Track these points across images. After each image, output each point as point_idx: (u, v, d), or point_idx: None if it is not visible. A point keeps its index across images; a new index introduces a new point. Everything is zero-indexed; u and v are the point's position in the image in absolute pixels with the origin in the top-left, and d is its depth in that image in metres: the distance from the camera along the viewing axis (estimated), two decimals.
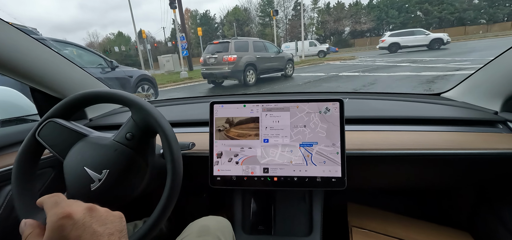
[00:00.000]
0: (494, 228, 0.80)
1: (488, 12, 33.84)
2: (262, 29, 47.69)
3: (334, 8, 42.98)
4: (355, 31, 41.32)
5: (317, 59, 15.47)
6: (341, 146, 0.68)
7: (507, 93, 0.77)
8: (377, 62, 11.16)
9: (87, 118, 1.01)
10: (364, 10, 41.30)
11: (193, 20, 51.50)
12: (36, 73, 0.78)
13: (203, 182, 0.75)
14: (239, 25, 47.98)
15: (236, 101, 0.72)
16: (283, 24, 46.81)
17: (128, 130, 0.55)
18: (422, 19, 37.28)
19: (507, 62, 0.75)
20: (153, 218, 0.49)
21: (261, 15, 48.49)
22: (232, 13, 49.23)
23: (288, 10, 45.89)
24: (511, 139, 0.70)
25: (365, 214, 0.94)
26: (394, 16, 38.73)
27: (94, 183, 0.51)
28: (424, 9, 36.66)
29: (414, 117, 0.82)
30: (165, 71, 15.36)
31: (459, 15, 35.01)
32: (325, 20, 42.67)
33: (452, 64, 7.90)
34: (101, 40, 51.45)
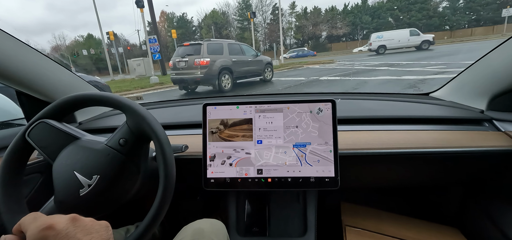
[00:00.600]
0: (482, 223, 0.83)
1: (451, 19, 36.45)
2: (241, 33, 47.41)
3: (311, 13, 43.91)
4: (331, 35, 42.44)
5: (297, 62, 15.22)
6: (334, 146, 0.68)
7: (492, 92, 0.78)
8: (356, 66, 11.10)
9: (77, 122, 0.98)
10: (340, 15, 42.67)
11: (170, 22, 49.90)
12: (22, 76, 0.76)
13: (196, 184, 0.74)
14: (218, 29, 47.26)
15: (229, 102, 0.71)
16: (262, 28, 46.88)
17: (121, 135, 0.54)
18: (393, 25, 39.23)
19: (492, 62, 0.77)
20: (146, 222, 0.48)
21: (239, 19, 48.27)
22: (210, 17, 48.38)
23: (267, 14, 46.18)
24: (496, 137, 0.72)
25: (358, 213, 0.95)
26: (368, 22, 40.39)
27: (84, 188, 0.49)
28: (395, 15, 38.65)
29: (404, 116, 0.83)
30: (136, 75, 14.26)
31: (426, 22, 37.32)
32: (303, 25, 43.44)
33: (429, 68, 7.93)
34: (69, 42, 47.89)
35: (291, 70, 12.41)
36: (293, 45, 45.71)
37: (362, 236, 0.83)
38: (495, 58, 0.76)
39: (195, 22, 52.12)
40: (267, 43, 48.11)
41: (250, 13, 13.99)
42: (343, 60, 15.03)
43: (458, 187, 0.95)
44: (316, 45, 41.17)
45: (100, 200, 0.51)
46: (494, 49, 0.75)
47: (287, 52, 32.77)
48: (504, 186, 0.79)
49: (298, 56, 28.82)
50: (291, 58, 27.38)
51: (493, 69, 0.76)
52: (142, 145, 0.57)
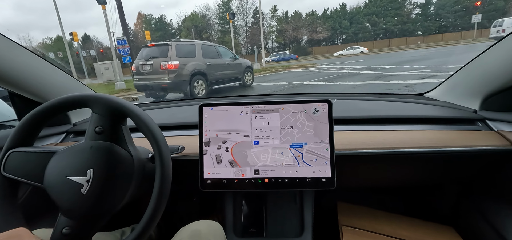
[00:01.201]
0: (476, 221, 0.83)
1: (423, 25, 38.31)
2: (222, 36, 46.69)
3: (292, 17, 44.17)
4: (312, 39, 42.91)
5: (279, 66, 14.70)
6: (330, 146, 0.69)
7: (485, 92, 0.79)
8: (340, 69, 10.76)
9: (71, 123, 0.97)
10: (319, 20, 43.30)
11: (147, 24, 47.88)
12: (14, 77, 0.74)
13: (193, 186, 0.74)
14: (198, 32, 46.13)
15: (225, 103, 0.71)
16: (243, 32, 46.40)
17: (95, 124, 0.52)
18: (370, 30, 40.51)
19: (484, 63, 0.78)
20: (142, 224, 0.48)
21: (220, 22, 47.58)
22: (189, 19, 47.13)
23: (248, 17, 45.82)
24: (489, 136, 0.73)
25: (354, 213, 0.95)
26: (346, 27, 41.35)
27: (84, 186, 0.48)
28: (372, 20, 39.89)
29: (399, 116, 0.84)
30: (104, 80, 12.96)
31: (401, 27, 38.91)
32: (284, 29, 43.54)
33: (414, 72, 7.71)
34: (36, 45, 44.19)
35: (273, 74, 11.84)
36: (275, 48, 45.71)
37: (359, 235, 0.83)
38: (488, 59, 0.76)
39: (175, 24, 50.44)
40: (249, 46, 47.74)
41: (229, 14, 13.26)
42: (325, 63, 14.77)
43: (453, 186, 0.97)
44: (298, 49, 41.35)
45: (105, 190, 0.50)
46: (487, 50, 0.76)
47: (269, 55, 32.48)
48: (497, 185, 0.79)
49: (280, 60, 28.59)
50: (273, 62, 27.07)
51: (486, 70, 0.77)
52: (119, 126, 0.55)
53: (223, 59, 6.79)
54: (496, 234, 0.74)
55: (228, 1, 45.46)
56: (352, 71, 9.61)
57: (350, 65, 12.15)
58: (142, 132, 0.52)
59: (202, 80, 6.02)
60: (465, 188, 0.91)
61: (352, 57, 19.21)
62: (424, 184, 1.07)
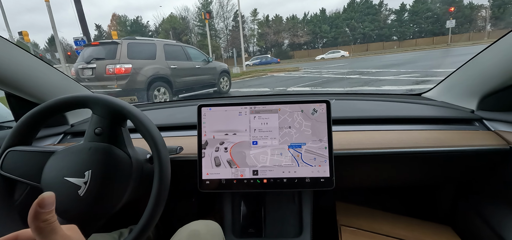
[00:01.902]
0: (473, 221, 0.84)
1: (399, 30, 39.74)
2: (202, 40, 45.39)
3: (273, 20, 43.94)
4: (293, 43, 42.88)
5: (260, 70, 13.83)
6: (329, 146, 0.69)
7: (482, 92, 0.80)
8: (324, 74, 10.09)
9: (68, 124, 0.96)
10: (300, 24, 43.47)
11: (122, 26, 45.25)
12: (11, 77, 0.74)
13: (191, 186, 0.74)
14: (177, 34, 44.40)
15: (224, 103, 0.71)
16: (224, 35, 45.39)
17: (94, 126, 0.52)
18: (349, 35, 41.30)
19: (481, 63, 0.78)
20: (140, 226, 0.47)
21: (199, 25, 46.24)
22: (167, 21, 45.26)
23: (229, 20, 44.99)
24: (487, 136, 0.74)
25: (353, 213, 0.95)
26: (326, 31, 41.84)
27: (81, 188, 0.48)
28: (351, 25, 40.71)
29: (397, 116, 0.84)
30: None
31: (378, 32, 40.06)
32: (265, 32, 43.13)
33: (403, 77, 7.21)
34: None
35: (254, 78, 10.93)
36: (257, 52, 45.13)
37: (357, 235, 0.83)
38: (484, 59, 0.77)
39: (152, 26, 48.22)
40: (229, 50, 46.80)
41: (204, 12, 12.16)
42: (309, 67, 14.13)
43: (450, 186, 0.96)
44: (279, 53, 41.09)
45: (103, 192, 0.49)
46: (484, 50, 0.76)
47: (251, 59, 31.69)
48: (494, 184, 0.79)
49: (261, 63, 27.91)
50: (254, 65, 26.31)
51: (483, 70, 0.77)
52: (119, 128, 0.54)
53: (192, 62, 5.71)
54: (494, 233, 0.74)
55: (207, 4, 44.41)
56: (338, 76, 8.97)
57: (334, 69, 11.56)
58: (140, 133, 0.52)
59: (164, 87, 4.91)
60: (463, 188, 0.92)
61: (335, 61, 18.86)
62: (422, 183, 1.07)
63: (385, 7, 41.39)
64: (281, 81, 9.23)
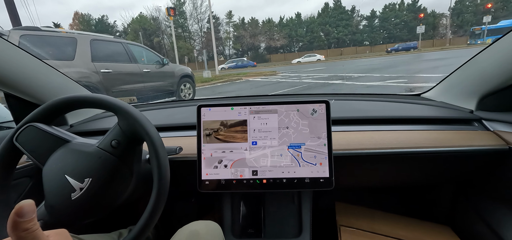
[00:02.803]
0: (472, 221, 0.84)
1: (370, 36, 41.21)
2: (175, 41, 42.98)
3: (248, 23, 43.17)
4: (270, 47, 42.40)
5: (235, 74, 12.64)
6: (329, 146, 0.68)
7: (481, 93, 0.79)
8: (304, 78, 9.24)
9: (68, 124, 0.95)
10: (276, 27, 43.21)
11: (85, 26, 41.38)
12: (10, 78, 0.73)
13: (191, 186, 0.73)
14: (147, 36, 41.73)
15: (223, 104, 0.71)
16: (199, 37, 43.61)
17: (113, 137, 0.52)
18: (323, 39, 41.91)
19: (480, 64, 0.78)
20: (139, 226, 0.47)
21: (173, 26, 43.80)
22: (137, 21, 42.34)
23: (203, 22, 43.42)
24: (486, 136, 0.73)
25: (352, 213, 0.95)
26: (302, 35, 42.06)
27: (75, 192, 0.48)
28: (326, 30, 41.33)
29: (397, 117, 0.83)
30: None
31: (351, 37, 41.15)
32: (241, 35, 42.18)
33: (390, 82, 6.56)
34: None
35: (227, 84, 9.75)
36: (233, 55, 43.99)
37: (357, 235, 0.83)
38: (483, 59, 0.76)
39: (120, 27, 44.88)
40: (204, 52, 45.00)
41: (168, 8, 10.72)
42: (286, 71, 13.29)
43: (449, 186, 0.96)
44: (256, 56, 40.36)
45: (93, 204, 0.50)
46: (483, 50, 0.76)
47: (226, 62, 30.43)
48: (493, 184, 0.79)
49: (237, 67, 26.86)
50: (230, 69, 25.13)
51: (482, 70, 0.77)
52: (135, 147, 0.56)
53: (139, 65, 4.39)
54: (493, 234, 0.75)
55: (180, 4, 42.46)
56: (320, 81, 8.14)
57: (314, 73, 10.79)
58: (139, 134, 0.51)
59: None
60: (462, 188, 0.91)
61: (312, 65, 18.33)
62: (421, 184, 1.06)
63: (357, 13, 42.80)
64: (258, 87, 8.20)
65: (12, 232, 0.23)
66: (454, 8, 37.07)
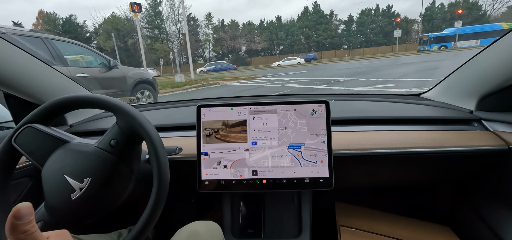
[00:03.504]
0: (472, 221, 0.84)
1: (348, 40, 42.11)
2: (151, 43, 41.19)
3: (229, 26, 42.28)
4: (251, 50, 41.81)
5: (212, 78, 11.67)
6: (328, 146, 0.68)
7: (480, 93, 0.79)
8: (286, 83, 8.53)
9: (67, 124, 0.95)
10: (257, 30, 42.74)
11: (51, 25, 37.90)
12: (10, 78, 0.73)
13: (191, 187, 0.73)
14: (121, 37, 39.25)
15: (223, 104, 0.70)
16: (177, 39, 41.90)
17: (112, 136, 0.52)
18: (304, 43, 42.13)
19: (480, 64, 0.78)
20: (139, 226, 0.47)
21: (148, 27, 41.97)
22: (109, 21, 39.69)
23: (181, 24, 41.78)
24: (485, 136, 0.73)
25: (352, 213, 0.95)
26: (283, 38, 41.97)
27: (75, 192, 0.48)
28: (305, 33, 41.58)
29: (396, 117, 0.83)
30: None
31: (330, 41, 41.77)
32: (221, 37, 41.16)
33: (378, 87, 6.03)
34: None
35: (202, 89, 8.78)
36: (213, 58, 42.77)
37: (357, 235, 0.83)
38: (483, 60, 0.76)
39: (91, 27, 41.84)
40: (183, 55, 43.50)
41: (131, 4, 9.51)
42: (267, 74, 12.56)
43: (449, 186, 0.96)
44: (236, 59, 39.57)
45: (92, 204, 0.50)
46: (482, 51, 0.76)
47: (205, 65, 29.22)
48: (493, 185, 0.79)
49: (216, 70, 25.84)
50: (209, 72, 24.03)
51: (481, 71, 0.77)
52: (134, 146, 0.56)
53: (69, 68, 3.33)
54: (492, 234, 0.74)
55: (156, 4, 40.59)
56: (303, 86, 7.46)
57: (296, 77, 10.15)
58: (139, 134, 0.51)
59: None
60: (462, 188, 0.91)
61: (294, 68, 17.83)
62: (421, 184, 1.05)
63: (335, 17, 43.63)
64: (235, 92, 7.36)
65: (10, 234, 0.23)
66: (425, 14, 39.04)
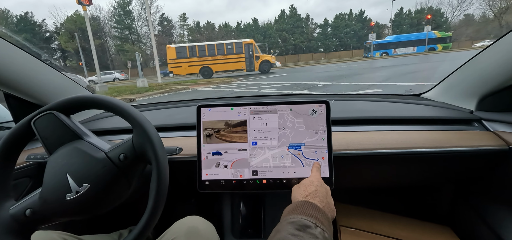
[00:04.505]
0: (472, 221, 0.84)
1: (324, 43, 42.83)
2: (120, 44, 38.52)
3: (204, 27, 40.93)
4: None
5: (180, 82, 10.45)
6: (329, 146, 0.68)
7: (481, 93, 0.79)
8: (263, 88, 7.71)
9: None
10: (234, 32, 41.87)
11: (3, 24, 33.64)
12: (11, 78, 0.74)
13: (191, 187, 0.73)
14: (86, 37, 36.05)
15: (223, 104, 0.71)
16: (149, 40, 39.53)
17: (123, 151, 0.53)
18: (281, 46, 42.05)
19: (480, 64, 0.78)
20: (140, 226, 0.48)
21: (117, 27, 39.26)
22: (71, 20, 36.35)
23: (154, 24, 39.63)
24: (485, 137, 0.74)
25: (352, 213, 0.95)
26: (260, 41, 41.48)
27: (71, 193, 0.49)
28: (283, 36, 41.53)
29: (397, 117, 0.83)
30: None
31: (307, 44, 42.17)
32: (196, 39, 39.65)
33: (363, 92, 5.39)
34: None
35: (167, 94, 7.63)
36: None
37: (357, 236, 0.83)
38: (483, 60, 0.77)
39: (51, 26, 38.05)
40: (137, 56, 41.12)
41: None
42: (243, 78, 11.66)
43: (449, 186, 0.96)
44: None
45: (84, 207, 0.50)
46: (482, 51, 0.76)
47: None
48: (493, 185, 0.79)
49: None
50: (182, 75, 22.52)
51: (481, 71, 0.77)
52: (140, 164, 0.57)
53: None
54: (493, 234, 0.74)
55: (126, 3, 38.08)
56: (282, 91, 6.69)
57: (274, 81, 9.37)
58: (138, 134, 0.52)
59: None
60: (462, 188, 0.91)
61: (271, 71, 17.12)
62: (421, 184, 1.06)
63: (311, 21, 44.21)
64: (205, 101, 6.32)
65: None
66: (394, 20, 40.96)
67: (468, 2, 36.54)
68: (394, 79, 7.26)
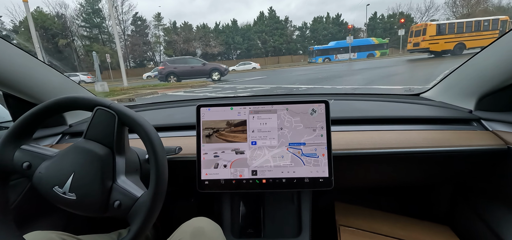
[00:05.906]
0: (471, 220, 0.84)
1: (303, 45, 43.23)
2: (89, 44, 35.79)
3: (181, 28, 39.39)
4: (206, 53, 39.50)
5: (148, 87, 9.42)
6: (328, 146, 0.68)
7: (479, 93, 0.80)
8: (240, 91, 7.05)
9: (67, 124, 0.95)
10: (212, 33, 40.81)
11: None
12: (9, 78, 0.74)
13: (191, 186, 0.73)
14: (49, 37, 33.06)
15: (223, 104, 0.71)
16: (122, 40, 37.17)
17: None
18: (261, 47, 41.74)
19: (479, 64, 0.78)
20: (137, 226, 0.48)
21: (85, 25, 36.50)
22: (33, 18, 32.86)
23: (127, 23, 37.42)
24: (484, 136, 0.74)
25: (352, 213, 0.94)
26: (239, 42, 40.88)
27: (59, 189, 0.49)
28: (262, 38, 41.25)
29: (396, 116, 0.83)
30: None
31: (287, 46, 42.29)
32: (173, 40, 38.00)
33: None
34: None
35: (131, 103, 6.64)
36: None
37: (356, 235, 0.82)
38: (482, 59, 0.76)
39: (8, 24, 34.28)
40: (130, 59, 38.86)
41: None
42: (220, 81, 10.90)
43: (448, 186, 0.95)
44: None
45: (60, 205, 0.51)
46: (481, 51, 0.75)
47: (153, 70, 25.98)
48: (492, 184, 0.79)
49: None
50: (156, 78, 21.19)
51: (480, 71, 0.77)
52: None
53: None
54: (492, 233, 0.75)
55: (95, 1, 35.50)
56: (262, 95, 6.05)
57: (252, 84, 8.72)
58: (138, 134, 0.52)
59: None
60: (461, 188, 0.90)
61: (250, 73, 16.52)
62: (420, 183, 1.05)
63: (290, 23, 44.43)
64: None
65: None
66: (369, 24, 42.48)
67: (435, 8, 38.90)
68: (378, 82, 6.96)
